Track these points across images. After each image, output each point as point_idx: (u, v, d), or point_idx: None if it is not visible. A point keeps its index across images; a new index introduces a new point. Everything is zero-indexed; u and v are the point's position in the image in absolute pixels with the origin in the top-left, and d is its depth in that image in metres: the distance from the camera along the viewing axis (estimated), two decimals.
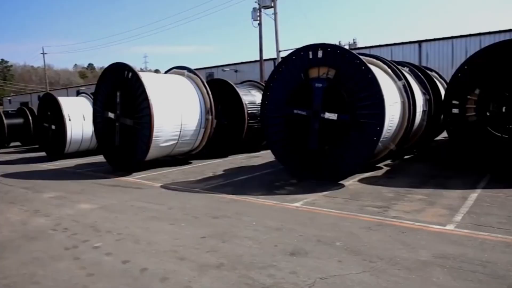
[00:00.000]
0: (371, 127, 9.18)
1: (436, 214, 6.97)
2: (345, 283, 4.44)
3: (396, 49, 32.87)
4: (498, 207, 7.27)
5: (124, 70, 12.02)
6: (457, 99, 10.40)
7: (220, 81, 16.63)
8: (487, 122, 10.07)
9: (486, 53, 10.26)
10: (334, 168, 9.79)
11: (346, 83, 9.48)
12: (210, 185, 10.08)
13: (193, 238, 6.07)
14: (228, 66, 42.99)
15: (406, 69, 13.23)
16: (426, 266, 4.81)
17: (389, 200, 8.01)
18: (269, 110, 10.91)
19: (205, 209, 7.78)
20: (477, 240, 5.62)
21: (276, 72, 10.81)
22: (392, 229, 6.20)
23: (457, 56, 28.99)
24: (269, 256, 5.28)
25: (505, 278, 4.44)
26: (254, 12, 31.76)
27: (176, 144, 12.44)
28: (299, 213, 7.35)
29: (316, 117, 9.81)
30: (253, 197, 8.64)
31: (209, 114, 13.06)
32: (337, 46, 10.22)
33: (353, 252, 5.32)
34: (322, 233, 6.12)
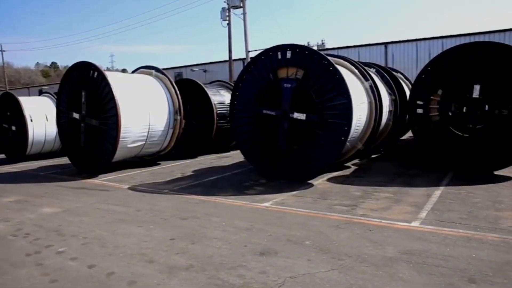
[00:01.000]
0: (339, 126, 9.32)
1: (402, 211, 7.15)
2: (314, 282, 4.48)
3: (363, 51, 33.57)
4: (460, 203, 7.54)
5: (89, 69, 11.71)
6: (421, 100, 10.71)
7: (189, 81, 16.48)
8: (449, 122, 10.42)
9: (447, 55, 10.62)
10: (303, 168, 9.88)
11: (315, 83, 9.59)
12: (179, 186, 9.96)
13: (162, 240, 5.98)
14: (197, 66, 42.65)
15: (373, 70, 13.52)
16: (392, 262, 4.92)
17: (357, 198, 8.15)
18: (238, 110, 10.89)
19: (174, 210, 7.68)
20: (441, 236, 5.81)
21: (245, 72, 10.81)
22: (360, 227, 6.32)
23: (421, 58, 29.91)
24: (238, 257, 5.26)
25: (465, 271, 4.61)
26: (223, 12, 31.67)
27: (144, 145, 12.23)
28: (268, 213, 7.37)
29: (285, 117, 9.87)
30: (223, 197, 8.60)
31: (178, 114, 12.91)
32: (305, 47, 10.32)
33: (322, 251, 5.37)
34: (291, 232, 6.15)
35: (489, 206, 7.28)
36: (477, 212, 6.95)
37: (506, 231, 5.93)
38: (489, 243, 5.48)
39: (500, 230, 6.00)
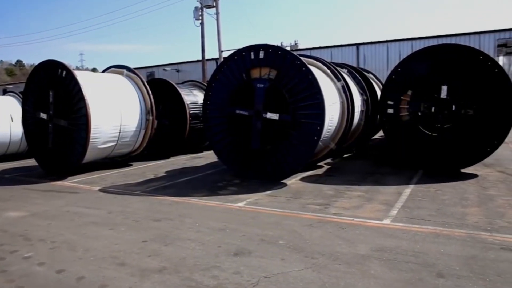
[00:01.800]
0: (312, 126, 9.41)
1: (373, 209, 7.28)
2: (288, 281, 4.50)
3: (336, 51, 34.02)
4: (429, 201, 7.74)
5: (57, 68, 11.38)
6: (391, 100, 10.95)
7: (161, 81, 16.28)
8: (419, 121, 10.69)
9: (416, 56, 10.90)
10: (277, 168, 9.92)
11: (288, 83, 9.64)
12: (151, 187, 9.81)
13: (134, 243, 5.86)
14: (169, 65, 42.16)
15: (345, 70, 13.72)
16: (364, 260, 5.00)
17: (329, 197, 8.25)
18: (211, 110, 10.83)
19: (146, 212, 7.55)
20: (411, 233, 5.94)
21: (218, 72, 10.76)
22: (333, 226, 6.39)
23: (392, 59, 30.59)
24: (212, 257, 5.22)
25: (434, 266, 4.74)
26: (196, 11, 31.42)
27: (115, 145, 11.99)
28: (242, 213, 7.36)
29: (258, 117, 9.89)
30: (196, 198, 8.53)
31: (150, 115, 12.71)
32: (278, 47, 10.37)
33: (295, 250, 5.40)
34: (265, 232, 6.16)
35: (456, 203, 7.51)
36: (445, 209, 7.16)
37: (472, 227, 6.13)
38: (456, 239, 5.65)
39: (466, 226, 6.20)
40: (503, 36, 28.47)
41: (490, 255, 5.06)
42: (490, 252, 5.15)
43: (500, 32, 28.56)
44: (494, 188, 8.65)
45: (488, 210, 7.05)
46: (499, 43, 28.52)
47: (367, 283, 4.38)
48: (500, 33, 28.57)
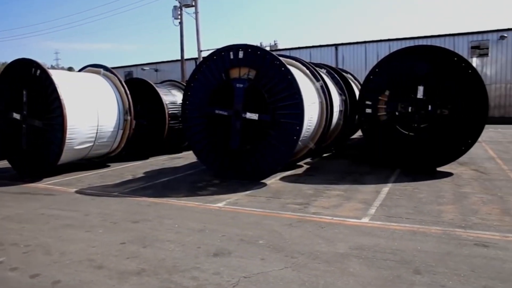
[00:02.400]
0: (291, 126, 9.45)
1: (352, 208, 7.36)
2: (267, 280, 4.50)
3: (315, 51, 34.24)
4: (406, 199, 7.88)
5: (31, 67, 11.08)
6: (369, 100, 11.10)
7: (139, 80, 16.07)
8: (396, 121, 10.87)
9: (393, 57, 11.09)
10: (256, 168, 9.92)
11: (267, 83, 9.65)
12: (129, 188, 9.67)
13: (112, 245, 5.76)
14: (148, 65, 41.66)
15: (324, 70, 13.83)
16: (343, 258, 5.05)
17: (309, 197, 8.29)
18: (190, 110, 10.76)
19: (124, 213, 7.43)
20: (389, 231, 6.03)
21: (197, 72, 10.69)
22: (312, 225, 6.43)
23: (370, 59, 30.95)
24: (192, 258, 5.18)
25: (411, 263, 4.83)
26: (175, 11, 31.11)
27: (92, 146, 11.77)
28: (221, 213, 7.33)
29: (237, 117, 9.87)
30: (175, 199, 8.45)
31: (128, 115, 12.53)
32: (257, 47, 10.37)
33: (275, 249, 5.41)
34: (244, 232, 6.15)
35: (432, 201, 7.67)
36: (422, 207, 7.30)
37: (447, 224, 6.27)
38: (432, 236, 5.77)
39: (442, 223, 6.34)
40: (476, 38, 29.24)
41: (464, 251, 5.18)
42: (464, 248, 5.28)
43: (473, 35, 29.32)
44: (468, 186, 8.87)
45: (463, 207, 7.23)
46: (473, 45, 29.27)
47: (346, 281, 4.42)
48: (473, 35, 29.33)
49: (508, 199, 7.72)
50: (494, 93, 28.09)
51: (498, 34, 28.45)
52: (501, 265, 4.74)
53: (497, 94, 28.69)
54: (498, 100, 28.79)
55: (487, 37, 28.94)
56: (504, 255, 5.03)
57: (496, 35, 28.58)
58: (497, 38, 28.50)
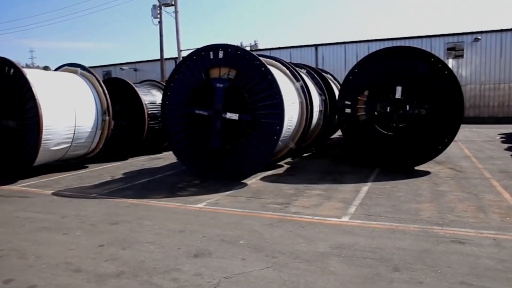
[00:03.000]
0: (272, 126, 9.46)
1: (332, 207, 7.42)
2: (249, 280, 4.49)
3: (295, 52, 34.41)
4: (385, 198, 7.99)
5: (4, 66, 10.78)
6: (349, 100, 11.22)
7: (118, 80, 15.83)
8: (375, 121, 11.02)
9: (372, 58, 11.23)
10: (237, 168, 9.90)
11: (247, 83, 9.65)
12: (108, 189, 9.51)
13: (90, 247, 5.66)
14: (127, 64, 41.08)
15: (304, 71, 13.90)
16: (324, 257, 5.08)
17: (289, 196, 8.32)
18: (170, 110, 10.66)
19: (103, 215, 7.31)
20: (368, 229, 6.11)
21: (176, 72, 10.60)
22: (293, 224, 6.45)
23: (349, 60, 31.28)
24: (172, 260, 5.13)
25: (390, 261, 4.90)
26: (154, 10, 30.75)
27: (69, 147, 11.53)
28: (202, 214, 7.28)
29: (217, 117, 9.83)
30: (155, 200, 8.35)
31: (106, 115, 12.33)
32: (237, 47, 10.35)
33: (256, 249, 5.41)
34: (225, 232, 6.13)
35: (411, 200, 7.80)
36: (400, 205, 7.41)
37: (425, 222, 6.39)
38: (410, 234, 5.86)
39: (420, 221, 6.45)
40: (451, 40, 29.91)
41: (441, 248, 5.29)
42: (441, 245, 5.39)
43: (449, 36, 29.99)
44: (445, 185, 9.06)
45: (440, 205, 7.37)
46: (449, 46, 29.93)
47: (327, 280, 4.45)
48: (449, 37, 30.00)
49: (482, 196, 7.92)
50: (469, 93, 28.78)
51: (473, 37, 29.18)
52: (476, 261, 4.85)
53: (472, 95, 29.41)
54: (473, 101, 29.51)
55: (462, 39, 29.65)
56: (478, 251, 5.16)
57: (470, 37, 29.32)
58: (472, 40, 29.23)
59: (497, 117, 29.08)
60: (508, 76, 28.95)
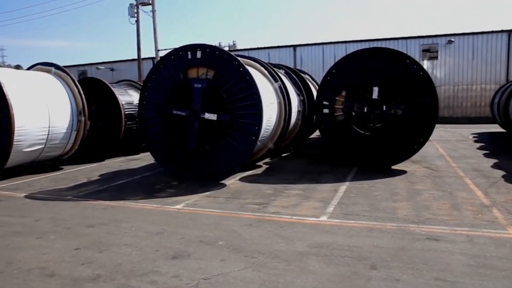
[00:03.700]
0: (250, 126, 9.46)
1: (311, 207, 7.46)
2: (228, 281, 4.47)
3: (273, 52, 34.54)
4: (363, 197, 8.09)
5: None
6: (327, 100, 11.32)
7: (94, 80, 15.55)
8: (353, 121, 11.15)
9: (350, 58, 11.37)
10: (215, 168, 9.85)
11: (226, 84, 9.61)
12: (84, 191, 9.32)
13: (65, 251, 5.52)
14: (103, 64, 40.41)
15: (282, 71, 13.96)
16: (303, 257, 5.10)
17: (268, 196, 8.33)
18: (147, 110, 10.53)
19: (78, 218, 7.15)
20: (346, 228, 6.17)
21: (154, 72, 10.48)
22: (272, 224, 6.46)
23: (327, 60, 31.61)
24: (150, 262, 5.06)
25: (368, 259, 4.95)
26: (131, 8, 30.35)
27: (43, 148, 11.25)
28: (180, 215, 7.22)
29: (196, 118, 9.76)
30: (132, 201, 8.23)
31: (82, 115, 12.09)
32: (215, 47, 10.30)
33: (235, 250, 5.39)
34: (204, 233, 6.09)
35: (387, 198, 7.92)
36: (377, 204, 7.52)
37: (402, 220, 6.50)
38: (387, 232, 5.95)
39: (397, 219, 6.56)
40: (427, 42, 30.59)
41: (417, 245, 5.38)
42: (417, 242, 5.49)
43: (424, 38, 30.67)
44: (421, 183, 9.24)
45: (416, 203, 7.51)
46: (423, 48, 30.60)
47: (306, 279, 4.46)
48: (424, 39, 30.67)
49: (456, 194, 8.11)
50: (443, 94, 29.48)
51: (446, 39, 29.91)
52: (450, 257, 4.96)
53: (446, 95, 30.14)
54: (447, 101, 30.25)
55: (437, 41, 30.36)
56: (453, 247, 5.28)
57: (444, 39, 30.05)
58: (446, 42, 29.96)
59: (470, 117, 29.89)
60: (480, 78, 29.80)
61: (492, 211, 6.90)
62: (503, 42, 29.11)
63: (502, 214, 6.70)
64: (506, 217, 6.56)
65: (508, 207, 7.11)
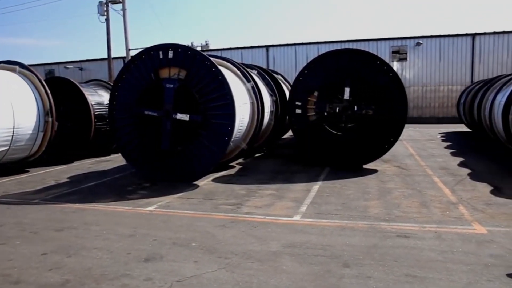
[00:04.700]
0: (223, 127, 9.41)
1: (284, 207, 7.49)
2: (201, 283, 4.43)
3: (246, 52, 34.55)
4: (335, 196, 8.19)
5: None
6: (299, 101, 11.40)
7: (62, 79, 15.12)
8: (325, 121, 11.28)
9: (321, 59, 11.49)
10: (188, 169, 9.76)
11: (198, 84, 9.54)
12: (52, 194, 9.04)
13: (32, 257, 5.34)
14: (72, 63, 39.34)
15: (255, 71, 13.97)
16: (276, 256, 5.11)
17: (241, 197, 8.32)
18: (118, 111, 10.31)
19: (46, 222, 6.93)
20: (319, 227, 6.23)
21: (125, 71, 10.29)
22: (245, 225, 6.45)
23: (300, 61, 31.87)
24: (121, 265, 4.96)
25: (341, 258, 5.02)
26: (100, 6, 29.66)
27: (7, 150, 10.84)
28: (153, 217, 7.11)
29: (168, 118, 9.64)
30: (103, 204, 8.05)
31: (49, 116, 11.72)
32: (187, 47, 10.21)
33: (208, 251, 5.35)
34: (177, 235, 6.01)
35: (359, 197, 8.05)
36: (349, 203, 7.63)
37: (373, 218, 6.62)
38: (359, 230, 6.04)
39: (368, 217, 6.67)
40: (396, 43, 31.33)
41: (388, 242, 5.49)
42: (388, 240, 5.60)
43: (394, 40, 31.40)
44: (391, 182, 9.44)
45: (387, 202, 7.67)
46: (393, 49, 31.31)
47: (279, 279, 4.48)
48: (394, 40, 31.40)
49: (425, 192, 8.33)
50: (412, 95, 30.25)
51: (415, 41, 30.71)
52: (419, 254, 5.09)
53: (415, 96, 30.94)
54: (416, 101, 31.05)
55: (406, 42, 31.13)
56: (422, 244, 5.42)
57: (413, 41, 30.84)
58: (414, 44, 30.75)
59: (438, 117, 30.79)
60: (447, 79, 30.74)
61: (459, 208, 7.12)
62: (467, 45, 30.14)
63: (468, 211, 6.93)
64: (472, 213, 6.79)
65: (474, 204, 7.36)
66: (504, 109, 11.15)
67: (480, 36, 29.97)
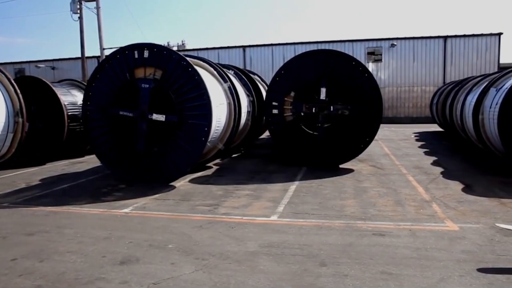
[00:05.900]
0: (199, 127, 9.35)
1: (261, 207, 7.50)
2: (178, 285, 4.38)
3: (223, 53, 34.50)
4: (312, 195, 8.25)
5: None
6: (276, 101, 11.44)
7: (33, 79, 14.69)
8: (302, 121, 11.35)
9: (298, 59, 11.56)
10: (165, 170, 9.65)
11: (174, 84, 9.44)
12: (22, 197, 8.77)
13: (1, 262, 5.15)
14: (43, 62, 38.33)
15: (231, 72, 13.95)
16: (254, 256, 5.10)
17: (219, 197, 8.28)
18: (92, 111, 10.10)
19: (16, 226, 6.71)
20: (296, 227, 6.26)
21: (99, 71, 10.09)
22: (222, 225, 6.42)
23: (277, 61, 32.04)
24: (96, 269, 4.85)
25: (318, 257, 5.05)
26: (73, 4, 28.95)
27: None
28: (128, 219, 6.99)
29: (143, 118, 9.51)
30: (77, 206, 7.86)
31: (19, 117, 11.39)
32: (163, 46, 10.09)
33: (185, 253, 5.29)
34: (153, 237, 5.93)
35: (336, 196, 8.13)
36: (326, 202, 7.69)
37: (349, 217, 6.69)
38: (336, 229, 6.10)
39: (345, 216, 6.75)
40: (371, 45, 31.88)
41: (364, 241, 5.56)
42: (364, 238, 5.67)
43: (369, 41, 31.95)
44: (367, 181, 9.57)
45: (363, 201, 7.77)
46: (368, 51, 31.86)
47: (257, 279, 4.47)
48: (369, 42, 31.94)
49: (400, 191, 8.49)
50: (387, 95, 30.84)
51: (389, 42, 31.31)
52: (395, 251, 5.18)
53: (390, 96, 31.55)
54: (391, 102, 31.67)
55: (380, 44, 31.71)
56: (397, 242, 5.51)
57: (387, 43, 31.44)
58: (389, 45, 31.35)
59: (412, 117, 31.49)
60: (420, 80, 31.48)
61: (432, 206, 7.29)
62: (440, 47, 30.95)
63: (440, 209, 7.10)
64: (444, 211, 6.96)
65: (446, 202, 7.54)
66: (475, 109, 11.48)
67: (451, 39, 30.82)
